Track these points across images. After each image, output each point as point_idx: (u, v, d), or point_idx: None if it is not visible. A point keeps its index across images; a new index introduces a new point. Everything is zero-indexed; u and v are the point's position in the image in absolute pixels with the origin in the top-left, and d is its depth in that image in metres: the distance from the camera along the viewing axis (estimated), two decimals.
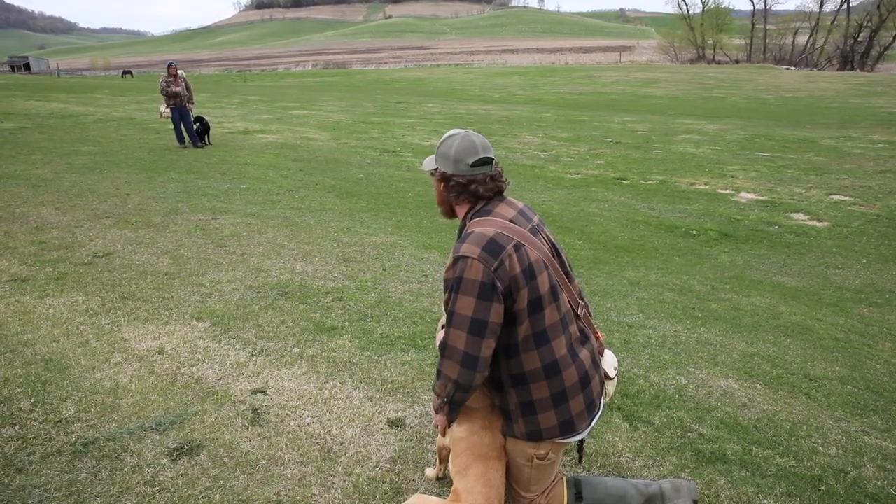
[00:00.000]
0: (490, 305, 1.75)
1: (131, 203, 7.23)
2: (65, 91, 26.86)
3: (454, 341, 1.80)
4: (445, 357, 1.84)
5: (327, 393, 3.12)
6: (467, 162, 1.88)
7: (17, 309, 4.06)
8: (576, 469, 2.58)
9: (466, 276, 1.76)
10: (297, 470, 2.53)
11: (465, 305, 1.76)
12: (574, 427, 1.92)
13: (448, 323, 1.82)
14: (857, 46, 55.45)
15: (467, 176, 1.89)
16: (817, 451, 2.79)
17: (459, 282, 1.77)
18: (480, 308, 1.76)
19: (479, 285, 1.75)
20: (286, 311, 4.14)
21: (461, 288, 1.77)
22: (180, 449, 2.61)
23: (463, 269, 1.77)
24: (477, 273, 1.75)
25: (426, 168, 2.02)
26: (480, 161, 1.89)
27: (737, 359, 3.76)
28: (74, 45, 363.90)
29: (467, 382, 1.83)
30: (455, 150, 1.90)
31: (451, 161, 1.90)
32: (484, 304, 1.75)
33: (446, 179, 1.92)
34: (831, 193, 8.82)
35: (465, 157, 1.88)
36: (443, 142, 1.95)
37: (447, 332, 1.82)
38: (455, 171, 1.90)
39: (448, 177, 1.92)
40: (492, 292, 1.75)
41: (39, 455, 2.55)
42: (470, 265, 1.76)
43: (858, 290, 5.37)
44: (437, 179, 1.97)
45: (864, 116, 19.02)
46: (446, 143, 1.93)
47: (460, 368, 1.81)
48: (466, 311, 1.76)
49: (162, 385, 3.14)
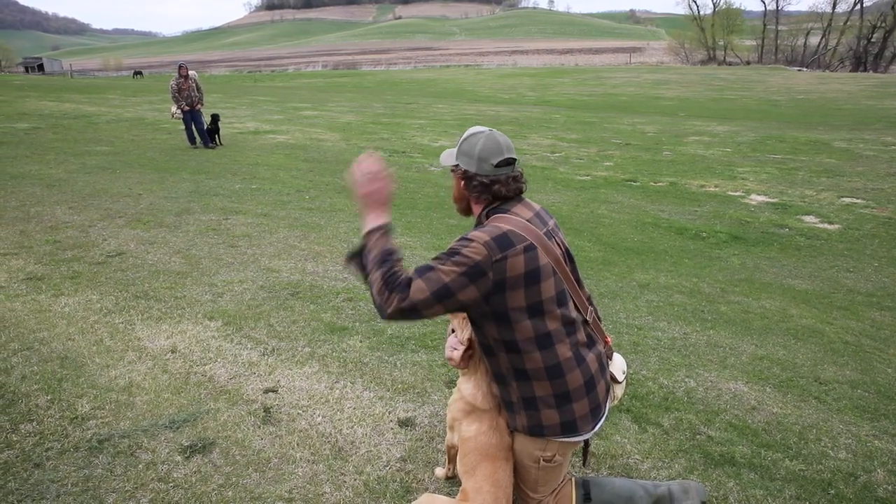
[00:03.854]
0: (468, 286, 1.73)
1: (143, 203, 7.31)
2: (77, 91, 27.13)
3: (415, 293, 1.71)
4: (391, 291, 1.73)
5: (338, 392, 3.15)
6: (492, 162, 1.88)
7: (33, 307, 4.12)
8: (584, 470, 2.60)
9: (465, 252, 1.75)
10: (308, 468, 2.56)
11: (449, 272, 1.73)
12: (577, 428, 1.92)
13: (418, 273, 1.74)
14: (871, 47, 54.97)
15: (491, 176, 1.89)
16: (827, 454, 2.79)
17: (456, 252, 1.76)
18: (459, 282, 1.73)
19: (473, 264, 1.73)
20: (297, 311, 4.18)
21: (454, 257, 1.75)
22: (193, 446, 2.65)
23: (465, 245, 1.77)
24: (476, 254, 1.74)
25: (445, 163, 2.01)
26: (504, 162, 1.89)
27: (746, 362, 3.76)
28: (87, 46, 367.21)
29: (381, 302, 1.74)
30: (480, 149, 1.89)
31: (475, 160, 1.89)
32: (465, 280, 1.73)
33: (468, 178, 1.92)
34: (843, 196, 8.77)
35: (489, 158, 1.88)
36: (466, 139, 1.93)
37: (415, 281, 1.73)
38: (478, 171, 1.89)
39: (471, 176, 1.91)
40: (479, 276, 1.74)
41: (56, 451, 2.60)
42: (474, 246, 1.75)
43: (870, 293, 5.34)
44: (458, 177, 1.97)
45: (877, 118, 18.87)
46: (470, 142, 1.92)
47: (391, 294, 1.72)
48: (446, 276, 1.73)
49: (175, 383, 3.19)
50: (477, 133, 1.93)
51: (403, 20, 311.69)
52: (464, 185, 1.95)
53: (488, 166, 1.88)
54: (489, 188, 1.90)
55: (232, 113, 18.38)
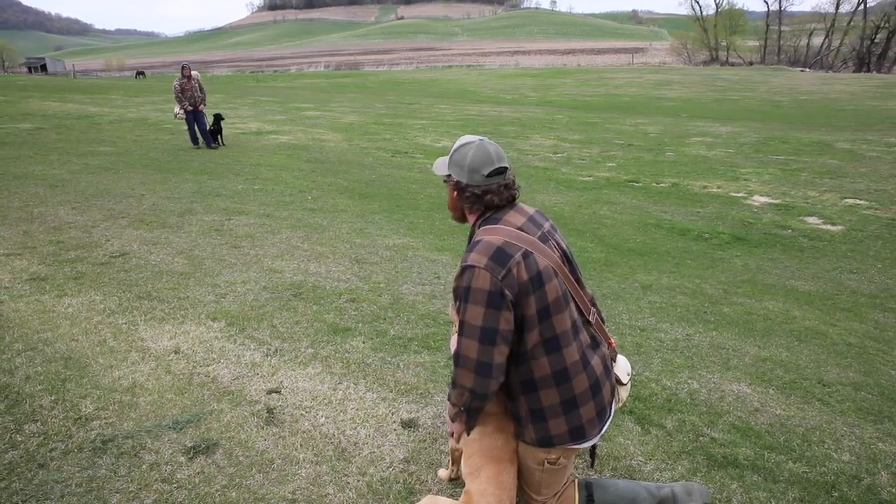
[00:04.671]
0: (499, 313, 1.77)
1: (146, 203, 7.33)
2: (80, 92, 27.19)
3: (467, 350, 1.81)
4: (459, 366, 1.85)
5: (341, 394, 3.15)
6: (483, 173, 1.88)
7: (36, 308, 4.13)
8: (587, 472, 2.60)
9: (474, 286, 1.77)
10: (311, 469, 2.56)
11: (475, 315, 1.78)
12: (585, 433, 1.93)
13: (459, 332, 1.84)
14: (874, 48, 54.80)
15: (482, 187, 1.90)
16: (830, 457, 2.78)
17: (468, 291, 1.79)
18: (490, 317, 1.77)
19: (488, 294, 1.76)
20: (300, 312, 4.18)
21: (469, 297, 1.78)
22: (197, 447, 2.66)
23: (470, 278, 1.79)
24: (485, 282, 1.76)
25: (438, 172, 2.02)
26: (495, 171, 1.89)
27: (749, 363, 3.75)
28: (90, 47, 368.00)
29: (483, 390, 1.84)
30: (470, 160, 1.89)
31: (466, 171, 1.90)
32: (493, 312, 1.77)
33: (461, 189, 1.93)
34: (846, 197, 8.75)
35: (480, 168, 1.88)
36: (457, 150, 1.94)
37: (459, 341, 1.84)
38: (470, 182, 1.90)
39: (463, 187, 1.92)
40: (500, 300, 1.76)
41: (60, 451, 2.60)
42: (477, 274, 1.77)
43: (873, 294, 5.33)
44: (450, 187, 1.98)
45: (880, 119, 18.83)
46: (460, 153, 1.92)
47: (475, 377, 1.82)
48: (476, 320, 1.78)
49: (178, 384, 3.19)
50: (467, 143, 1.93)
51: (406, 20, 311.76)
52: (456, 195, 1.97)
53: (479, 177, 1.89)
54: (481, 199, 1.91)
55: (234, 113, 18.40)
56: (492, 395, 1.88)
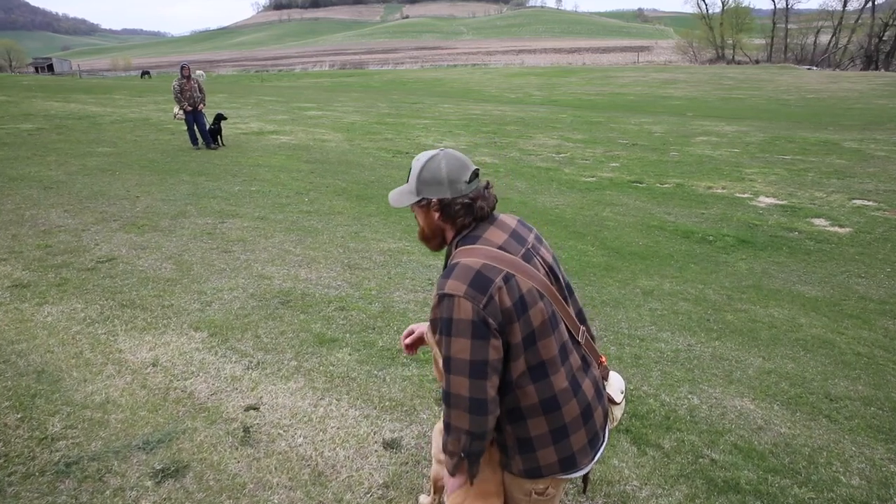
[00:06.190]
0: (487, 343, 1.61)
1: (140, 206, 7.21)
2: (84, 92, 27.16)
3: (457, 388, 1.64)
4: (452, 406, 1.67)
5: (322, 411, 3.01)
6: (464, 180, 1.73)
7: (14, 317, 4.01)
8: (578, 499, 2.44)
9: (456, 317, 1.61)
10: (284, 495, 2.42)
11: (461, 348, 1.62)
12: (576, 463, 1.78)
13: (446, 370, 1.66)
14: (882, 46, 54.25)
15: (470, 194, 1.74)
16: (839, 480, 2.62)
17: (449, 323, 1.62)
18: (478, 348, 1.61)
19: (471, 325, 1.60)
20: (286, 321, 4.04)
21: (452, 330, 1.62)
22: (166, 470, 2.52)
23: (451, 308, 1.62)
24: (466, 312, 1.60)
25: (404, 202, 1.84)
26: (474, 174, 1.75)
27: (753, 376, 3.59)
28: (97, 46, 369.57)
29: (481, 429, 1.68)
30: (447, 171, 1.73)
31: (447, 184, 1.73)
32: (480, 343, 1.61)
33: (446, 206, 1.75)
34: (854, 198, 8.55)
35: (460, 176, 1.73)
36: (424, 167, 1.77)
37: (447, 379, 1.66)
38: (455, 194, 1.74)
39: (448, 202, 1.75)
40: (486, 330, 1.61)
41: (21, 475, 2.47)
42: (457, 304, 1.61)
43: (883, 300, 5.14)
44: (432, 210, 1.79)
45: (889, 118, 18.55)
46: (430, 168, 1.76)
47: (470, 416, 1.66)
48: (463, 353, 1.62)
49: (153, 400, 3.06)
50: (432, 157, 1.77)
51: (411, 20, 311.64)
52: (440, 216, 1.79)
53: (462, 185, 1.73)
54: (472, 207, 1.75)
55: (236, 113, 18.30)
56: (491, 433, 1.72)
